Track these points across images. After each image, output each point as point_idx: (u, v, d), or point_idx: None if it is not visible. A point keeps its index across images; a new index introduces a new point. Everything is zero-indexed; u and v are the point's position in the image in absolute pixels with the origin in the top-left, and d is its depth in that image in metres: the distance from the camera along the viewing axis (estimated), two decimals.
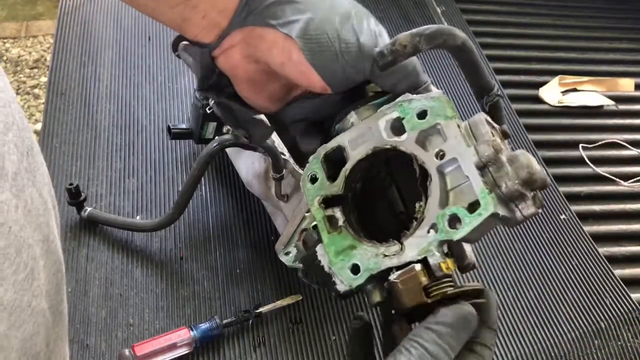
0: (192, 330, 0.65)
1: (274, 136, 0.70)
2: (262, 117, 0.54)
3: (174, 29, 0.47)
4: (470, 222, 0.39)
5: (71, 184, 0.73)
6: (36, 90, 2.50)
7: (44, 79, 2.54)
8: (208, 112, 0.72)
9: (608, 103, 1.10)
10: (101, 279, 0.71)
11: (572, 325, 0.75)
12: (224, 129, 0.75)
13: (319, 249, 0.46)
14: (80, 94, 0.92)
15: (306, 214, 0.49)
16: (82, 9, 1.08)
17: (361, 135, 0.45)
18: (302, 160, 0.71)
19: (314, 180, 0.46)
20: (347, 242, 0.45)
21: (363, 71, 0.45)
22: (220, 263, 0.75)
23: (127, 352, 0.62)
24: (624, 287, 0.79)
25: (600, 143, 1.02)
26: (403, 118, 0.43)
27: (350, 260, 0.44)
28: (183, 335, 0.65)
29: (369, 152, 0.45)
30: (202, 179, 0.75)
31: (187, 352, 0.65)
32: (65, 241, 0.74)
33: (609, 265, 0.82)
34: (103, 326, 0.67)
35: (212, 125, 0.78)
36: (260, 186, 0.74)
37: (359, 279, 0.43)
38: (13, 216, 0.32)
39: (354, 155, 0.45)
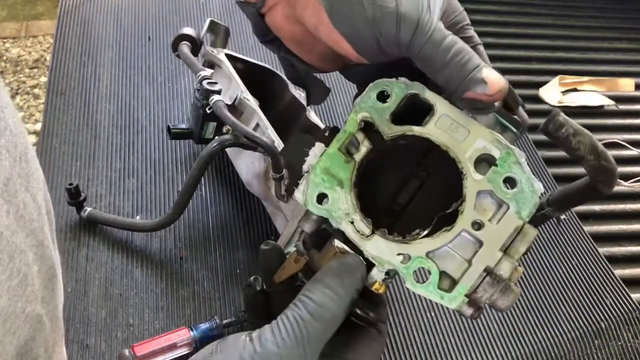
0: (192, 330, 0.65)
1: (274, 136, 0.70)
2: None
3: None
4: (431, 292, 0.40)
5: (71, 184, 0.73)
6: (36, 90, 2.50)
7: (44, 79, 2.54)
8: (208, 112, 0.72)
9: (608, 103, 1.10)
10: (101, 279, 0.71)
11: (572, 325, 0.75)
12: (224, 129, 0.75)
13: (318, 146, 0.42)
14: (80, 94, 0.92)
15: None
16: (82, 9, 1.08)
17: (456, 125, 0.41)
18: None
19: (383, 97, 0.41)
20: (341, 176, 0.41)
21: (398, 45, 0.40)
22: (220, 263, 0.75)
23: (127, 352, 0.62)
24: (624, 287, 0.79)
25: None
26: (496, 165, 0.40)
27: (327, 189, 0.41)
28: (183, 335, 0.65)
29: (443, 142, 0.40)
30: (202, 179, 0.74)
31: (187, 352, 0.65)
32: (65, 241, 0.74)
33: (609, 265, 0.81)
34: (103, 326, 0.67)
35: (212, 125, 0.78)
36: (260, 186, 0.74)
37: (314, 209, 0.41)
38: (4, 222, 0.32)
39: (431, 128, 0.41)
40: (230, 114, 0.69)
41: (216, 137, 0.69)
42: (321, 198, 0.41)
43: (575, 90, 1.11)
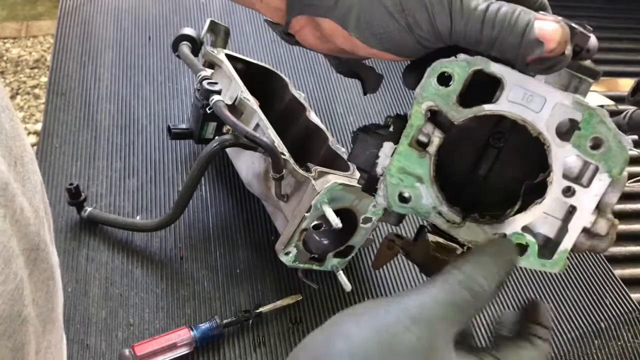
0: (192, 330, 0.65)
1: (274, 136, 0.70)
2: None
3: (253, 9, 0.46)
4: (532, 263, 0.39)
5: (71, 184, 0.73)
6: (36, 90, 2.50)
7: (44, 79, 2.54)
8: (208, 112, 0.72)
9: (608, 103, 1.10)
10: (101, 279, 0.71)
11: (572, 325, 0.75)
12: (224, 129, 0.75)
13: (387, 146, 0.40)
14: (80, 94, 0.92)
15: (306, 214, 0.48)
16: (82, 9, 1.08)
17: (530, 94, 0.38)
18: (302, 161, 0.71)
19: (444, 79, 0.38)
20: (418, 172, 0.40)
21: (441, 39, 0.38)
22: (220, 263, 0.75)
23: (127, 352, 0.62)
24: (624, 287, 0.79)
25: None
26: (579, 129, 0.37)
27: (407, 188, 0.39)
28: (183, 335, 0.65)
29: (520, 117, 0.38)
30: (202, 179, 0.75)
31: (187, 352, 0.65)
32: (65, 241, 0.74)
33: (609, 265, 0.82)
34: (103, 326, 0.67)
35: (212, 125, 0.78)
36: (260, 186, 0.74)
37: (400, 209, 0.40)
38: (1, 227, 0.32)
39: (504, 103, 0.38)
40: (230, 114, 0.69)
41: (216, 137, 0.69)
42: (403, 197, 0.40)
43: None
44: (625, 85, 1.15)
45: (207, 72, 0.74)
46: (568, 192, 0.38)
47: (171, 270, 0.74)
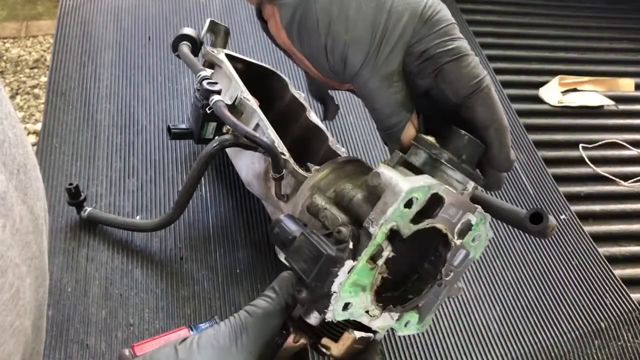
0: (192, 330, 0.65)
1: (274, 136, 0.70)
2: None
3: None
4: (412, 330, 0.50)
5: (71, 184, 0.73)
6: (36, 90, 2.50)
7: (44, 79, 2.54)
8: (208, 112, 0.72)
9: (608, 103, 1.10)
10: (101, 279, 0.71)
11: (572, 325, 0.75)
12: (224, 129, 0.75)
13: (347, 264, 0.42)
14: (80, 94, 0.92)
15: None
16: (82, 9, 1.08)
17: (456, 210, 0.45)
18: (302, 161, 0.71)
19: (408, 202, 0.42)
20: (365, 282, 0.44)
21: (344, 74, 0.41)
22: (220, 263, 0.75)
23: (127, 352, 0.62)
24: (624, 287, 0.79)
25: (600, 143, 1.02)
26: (471, 229, 0.46)
27: (352, 298, 0.43)
28: (183, 335, 0.65)
29: (445, 228, 0.45)
30: (202, 179, 0.74)
31: None
32: (65, 241, 0.74)
33: (609, 265, 0.82)
34: (103, 326, 0.67)
35: (212, 125, 0.78)
36: (260, 186, 0.74)
37: (339, 317, 0.44)
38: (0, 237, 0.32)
39: (439, 218, 0.44)
40: (230, 114, 0.69)
41: (216, 137, 0.69)
42: (346, 306, 0.44)
43: (575, 90, 1.12)
44: (625, 85, 1.15)
45: (207, 72, 0.74)
46: (448, 275, 0.48)
47: (171, 270, 0.74)
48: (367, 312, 0.45)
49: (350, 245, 0.42)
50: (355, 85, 0.42)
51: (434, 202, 0.43)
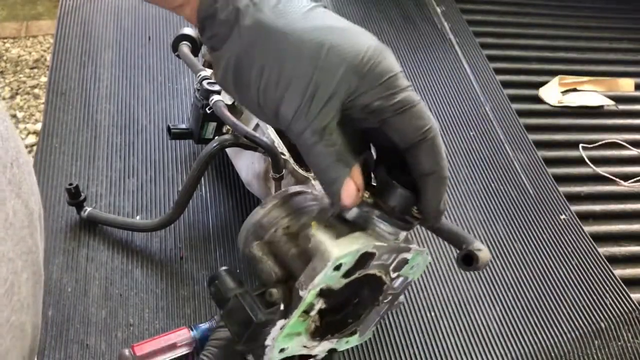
0: (192, 330, 0.65)
1: (274, 136, 0.70)
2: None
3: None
4: (352, 345, 0.52)
5: (71, 184, 0.73)
6: (36, 90, 2.50)
7: (44, 79, 2.54)
8: (208, 112, 0.72)
9: (608, 103, 1.10)
10: (101, 279, 0.71)
11: (572, 325, 0.75)
12: (224, 129, 0.75)
13: (279, 323, 0.44)
14: (80, 94, 0.92)
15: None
16: (82, 9, 1.08)
17: (389, 255, 0.46)
18: (302, 160, 0.71)
19: (338, 267, 0.43)
20: (300, 329, 0.46)
21: (283, 129, 0.42)
22: (220, 263, 0.75)
23: (127, 352, 0.62)
24: (624, 287, 0.79)
25: (600, 143, 1.02)
26: (407, 262, 0.48)
27: (287, 343, 0.46)
28: (183, 335, 0.65)
29: (378, 272, 0.47)
30: (202, 179, 0.74)
31: (187, 352, 0.65)
32: (65, 241, 0.74)
33: (609, 265, 0.82)
34: (103, 326, 0.67)
35: (212, 125, 0.78)
36: (260, 186, 0.74)
37: (279, 358, 0.46)
38: None
39: (371, 265, 0.45)
40: (230, 114, 0.69)
41: (216, 137, 0.69)
42: (282, 350, 0.46)
43: (575, 90, 1.12)
44: (625, 85, 1.15)
45: (207, 72, 0.74)
46: (387, 298, 0.50)
47: (171, 270, 0.74)
48: (305, 346, 0.47)
49: (282, 307, 0.43)
50: (290, 137, 0.41)
51: (366, 257, 0.44)
